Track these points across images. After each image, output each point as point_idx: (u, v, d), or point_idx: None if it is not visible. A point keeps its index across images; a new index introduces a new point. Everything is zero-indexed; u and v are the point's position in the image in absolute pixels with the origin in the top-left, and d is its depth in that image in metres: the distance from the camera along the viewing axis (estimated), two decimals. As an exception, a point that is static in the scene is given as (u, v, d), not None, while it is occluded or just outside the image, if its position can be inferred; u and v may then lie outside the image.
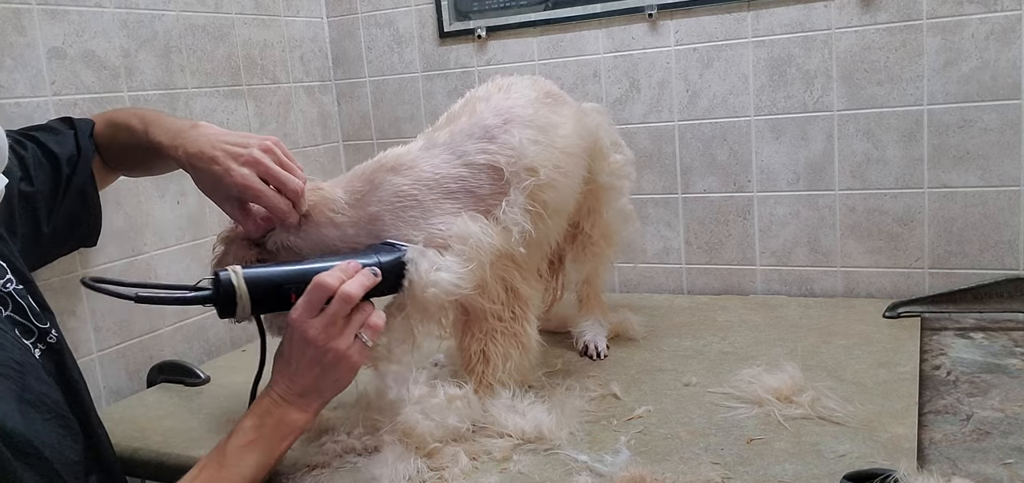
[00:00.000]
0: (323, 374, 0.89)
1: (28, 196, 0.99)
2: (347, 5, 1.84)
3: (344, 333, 0.89)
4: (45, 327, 0.91)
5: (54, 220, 1.03)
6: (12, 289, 0.88)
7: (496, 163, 1.05)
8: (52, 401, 0.84)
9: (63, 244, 1.09)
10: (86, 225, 1.09)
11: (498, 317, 1.05)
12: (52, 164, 1.03)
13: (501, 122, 1.08)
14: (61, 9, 1.29)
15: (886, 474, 0.77)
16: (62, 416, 0.86)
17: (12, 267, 0.91)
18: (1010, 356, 1.15)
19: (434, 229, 1.01)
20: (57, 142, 1.04)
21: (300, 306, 0.89)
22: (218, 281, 0.88)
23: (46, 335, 0.91)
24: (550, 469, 0.92)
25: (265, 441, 0.88)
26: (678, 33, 1.55)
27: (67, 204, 1.04)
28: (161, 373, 1.40)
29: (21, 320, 0.89)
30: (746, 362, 1.14)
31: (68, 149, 1.04)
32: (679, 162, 1.59)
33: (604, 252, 1.29)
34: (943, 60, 1.36)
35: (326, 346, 0.88)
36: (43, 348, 0.90)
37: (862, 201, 1.47)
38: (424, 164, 1.06)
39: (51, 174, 1.02)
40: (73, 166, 1.04)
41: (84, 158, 1.06)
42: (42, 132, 1.05)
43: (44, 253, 1.05)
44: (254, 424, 0.88)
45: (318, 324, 0.88)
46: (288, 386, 0.89)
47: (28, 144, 1.02)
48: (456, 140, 1.08)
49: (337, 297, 0.89)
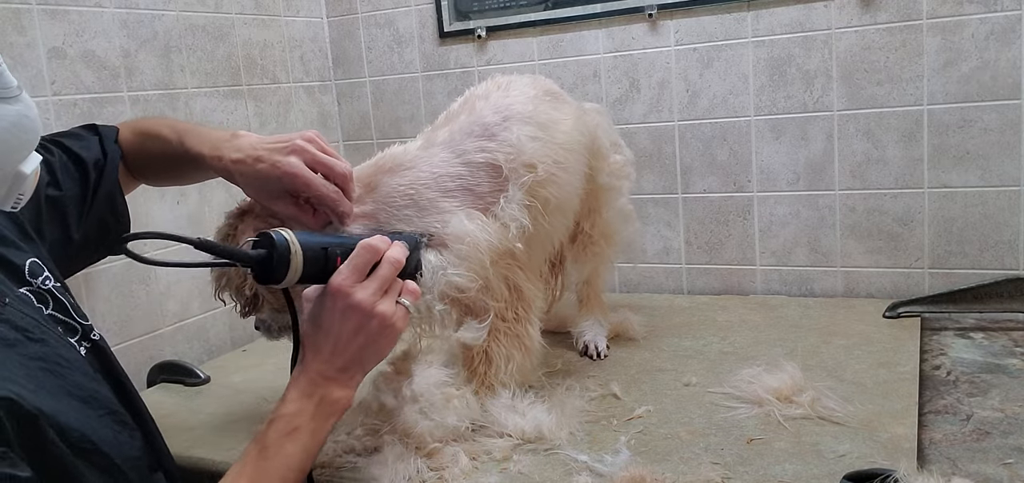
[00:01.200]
0: (367, 343, 0.84)
1: (56, 201, 0.96)
2: (347, 5, 1.84)
3: (388, 297, 0.85)
4: (87, 324, 0.88)
5: (84, 226, 1.00)
6: (52, 286, 0.86)
7: (495, 161, 1.05)
8: (103, 397, 0.81)
9: (94, 251, 1.06)
10: (115, 232, 1.06)
11: (501, 317, 1.05)
12: (79, 169, 1.00)
13: (500, 119, 1.08)
14: (61, 9, 1.29)
15: (886, 474, 0.77)
16: (115, 412, 0.82)
17: (48, 265, 0.88)
18: (1010, 356, 1.15)
19: (431, 228, 1.01)
20: (83, 147, 1.02)
21: (346, 271, 0.83)
22: (272, 242, 0.80)
23: (90, 332, 0.88)
24: (550, 469, 0.92)
25: (309, 425, 0.81)
26: (678, 33, 1.55)
27: (96, 210, 1.02)
28: (161, 373, 1.40)
29: (64, 318, 0.86)
30: (746, 362, 1.14)
31: (94, 154, 1.02)
32: (679, 162, 1.59)
33: (604, 252, 1.29)
34: (943, 60, 1.36)
35: (373, 311, 0.83)
36: (88, 345, 0.87)
37: (862, 201, 1.47)
38: (422, 164, 1.06)
39: (79, 179, 1.00)
40: (100, 171, 1.02)
41: (111, 163, 1.03)
42: (67, 138, 1.03)
43: (73, 260, 1.02)
44: (295, 409, 0.81)
45: (368, 288, 0.83)
46: (328, 361, 0.83)
47: (54, 149, 1.00)
48: (455, 139, 1.08)
49: (385, 260, 0.85)
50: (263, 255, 0.80)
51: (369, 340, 0.84)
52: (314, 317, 0.85)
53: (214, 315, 1.57)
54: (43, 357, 0.75)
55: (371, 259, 0.84)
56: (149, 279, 1.45)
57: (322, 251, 0.83)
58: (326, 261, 0.84)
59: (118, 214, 1.05)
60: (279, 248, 0.80)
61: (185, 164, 1.05)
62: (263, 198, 1.02)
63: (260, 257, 0.80)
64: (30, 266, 0.84)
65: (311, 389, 0.83)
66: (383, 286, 0.84)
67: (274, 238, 0.80)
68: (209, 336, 1.57)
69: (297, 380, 0.84)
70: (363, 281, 0.84)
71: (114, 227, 1.05)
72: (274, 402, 1.24)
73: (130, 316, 1.41)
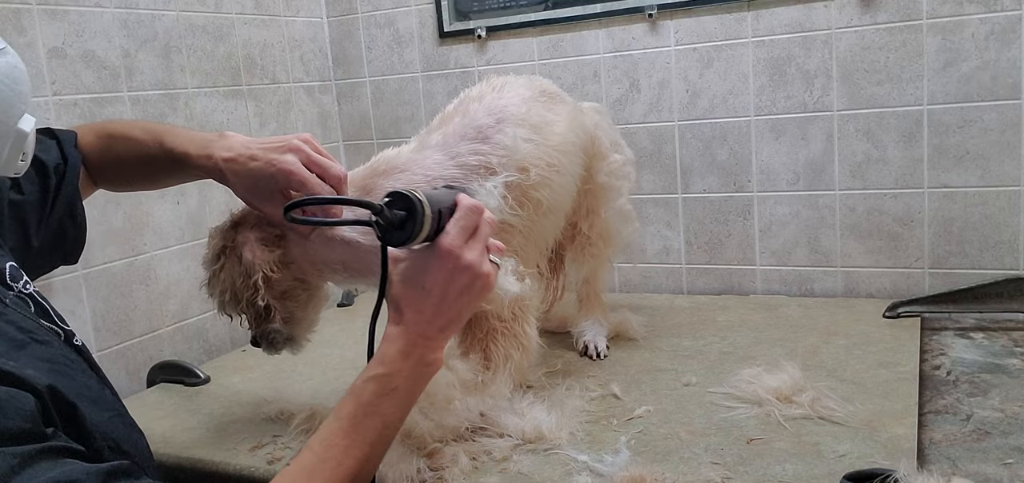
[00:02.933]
0: (470, 301, 0.84)
1: (18, 205, 0.93)
2: (347, 5, 1.84)
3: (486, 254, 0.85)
4: (69, 329, 0.86)
5: (43, 232, 0.97)
6: (33, 290, 0.84)
7: (488, 164, 1.05)
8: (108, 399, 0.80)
9: (48, 259, 1.02)
10: (72, 240, 1.03)
11: (498, 316, 1.05)
12: (40, 173, 0.96)
13: (494, 121, 1.08)
14: (61, 9, 1.29)
15: (886, 474, 0.77)
16: (121, 413, 0.81)
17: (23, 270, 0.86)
18: (1010, 356, 1.15)
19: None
20: (42, 150, 0.98)
21: (455, 231, 0.81)
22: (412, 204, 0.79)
23: (72, 337, 0.85)
24: (550, 469, 0.92)
25: (405, 385, 0.80)
26: (678, 33, 1.55)
27: (56, 215, 0.98)
28: (161, 373, 1.40)
29: (47, 323, 0.83)
30: (746, 362, 1.14)
31: (54, 158, 0.98)
32: (679, 162, 1.59)
33: (603, 252, 1.29)
34: (943, 60, 1.36)
35: (479, 271, 0.82)
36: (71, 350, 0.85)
37: (862, 201, 1.47)
38: (416, 167, 1.06)
39: (40, 183, 0.96)
40: (61, 176, 0.98)
41: (71, 169, 0.99)
42: None
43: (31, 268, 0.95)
44: (393, 370, 0.80)
45: (475, 250, 0.82)
46: (431, 320, 0.82)
47: None
48: (449, 142, 1.08)
49: (485, 221, 0.84)
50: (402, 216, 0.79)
51: (472, 298, 0.84)
52: (412, 278, 0.83)
53: (214, 315, 1.56)
54: (51, 359, 0.74)
55: (476, 220, 0.84)
56: (149, 279, 1.45)
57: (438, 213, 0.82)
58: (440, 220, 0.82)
59: (77, 222, 1.01)
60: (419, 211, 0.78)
61: (163, 166, 1.03)
62: (254, 198, 1.01)
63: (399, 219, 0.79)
64: (10, 270, 0.82)
65: (409, 348, 0.81)
66: (484, 242, 0.84)
67: (413, 199, 0.78)
68: (209, 336, 1.57)
69: (394, 339, 0.81)
70: (469, 241, 0.83)
71: (72, 235, 1.01)
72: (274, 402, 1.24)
73: (130, 316, 1.41)
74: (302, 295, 1.08)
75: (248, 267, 1.01)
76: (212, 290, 1.06)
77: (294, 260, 1.05)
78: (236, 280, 1.03)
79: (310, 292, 1.09)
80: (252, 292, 1.02)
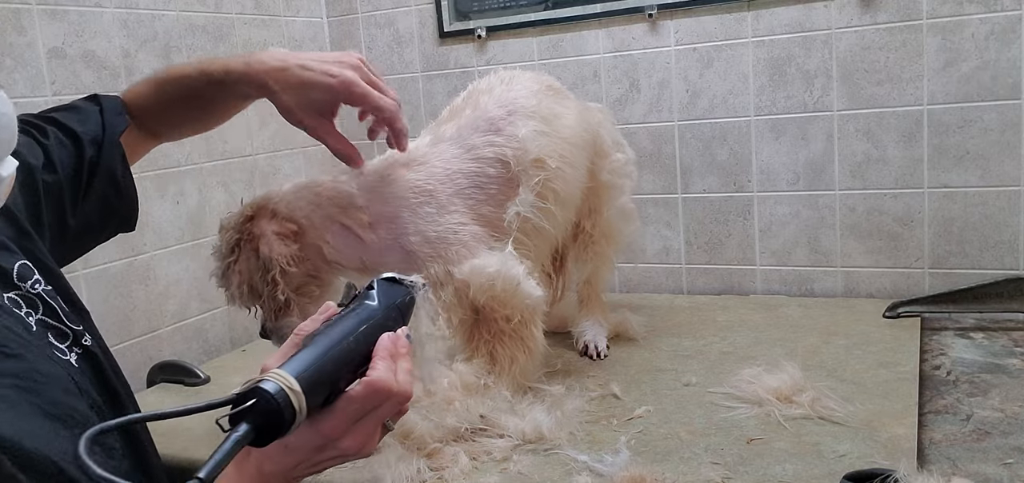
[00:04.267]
0: (328, 466, 0.75)
1: (51, 185, 0.90)
2: (347, 5, 1.84)
3: (376, 432, 0.74)
4: (79, 329, 0.84)
5: (83, 206, 0.93)
6: (42, 290, 0.82)
7: (503, 156, 1.07)
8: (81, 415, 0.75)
9: (100, 231, 0.98)
10: (121, 210, 0.99)
11: (506, 319, 1.05)
12: (74, 143, 0.93)
13: (505, 114, 1.09)
14: (61, 9, 1.29)
15: (886, 474, 0.77)
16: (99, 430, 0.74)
17: (41, 266, 0.83)
18: (1010, 356, 1.15)
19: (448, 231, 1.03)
20: (79, 120, 0.95)
21: (343, 418, 0.69)
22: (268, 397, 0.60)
23: (81, 338, 0.83)
24: (550, 469, 0.92)
25: None
26: (678, 33, 1.55)
27: (96, 188, 0.94)
28: (161, 373, 1.40)
29: (54, 323, 0.81)
30: (746, 362, 1.14)
31: (92, 129, 0.95)
32: (679, 162, 1.59)
33: (605, 252, 1.29)
34: (943, 60, 1.36)
35: (355, 453, 0.72)
36: (79, 352, 0.83)
37: (862, 201, 1.47)
38: (435, 159, 1.08)
39: (74, 155, 0.93)
40: (98, 146, 0.94)
41: (109, 138, 0.95)
42: (63, 112, 0.96)
43: (76, 243, 0.95)
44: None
45: (358, 436, 0.71)
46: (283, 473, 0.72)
47: (48, 129, 0.93)
48: (463, 134, 1.09)
49: (394, 401, 0.72)
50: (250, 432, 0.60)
51: (332, 464, 0.75)
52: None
53: (213, 315, 1.57)
54: (17, 374, 0.71)
55: (377, 404, 0.71)
56: (149, 279, 1.45)
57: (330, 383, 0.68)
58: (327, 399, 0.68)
59: (121, 191, 0.97)
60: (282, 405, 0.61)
61: (207, 93, 0.98)
62: (304, 113, 0.96)
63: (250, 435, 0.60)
64: (19, 269, 0.80)
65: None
66: (376, 428, 0.73)
67: (269, 391, 0.61)
68: (208, 336, 1.57)
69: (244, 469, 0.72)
70: (358, 423, 0.71)
71: (118, 205, 0.98)
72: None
73: (130, 316, 1.41)
74: (316, 291, 1.08)
75: (266, 261, 1.01)
76: (227, 283, 1.05)
77: (309, 257, 1.05)
78: (254, 274, 1.02)
79: (323, 288, 1.09)
80: (272, 287, 1.01)
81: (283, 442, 0.66)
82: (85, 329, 0.85)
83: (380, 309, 0.76)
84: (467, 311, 1.05)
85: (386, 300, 0.77)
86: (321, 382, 0.66)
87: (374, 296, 0.76)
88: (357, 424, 0.71)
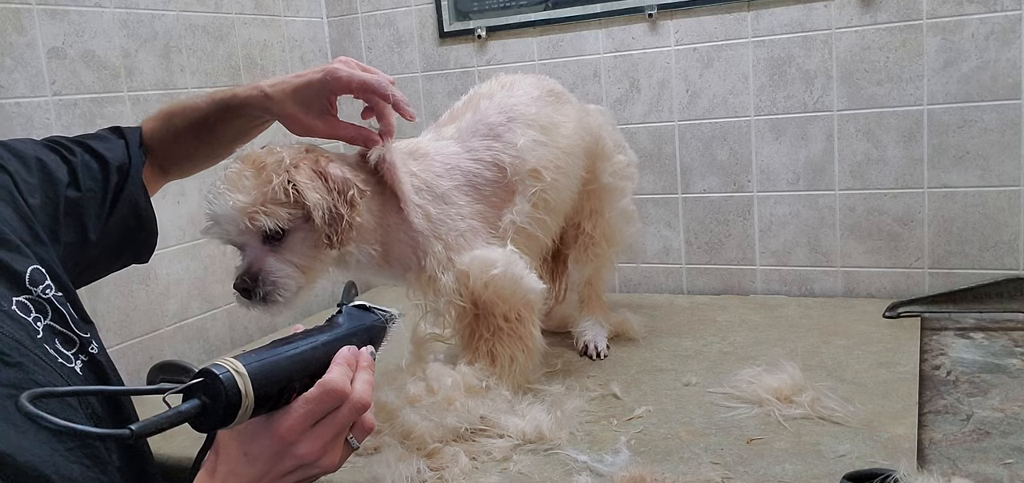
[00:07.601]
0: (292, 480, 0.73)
1: (75, 203, 0.92)
2: (347, 5, 1.84)
3: (337, 443, 0.73)
4: (86, 337, 0.85)
5: (104, 228, 0.95)
6: (52, 296, 0.83)
7: (500, 161, 1.08)
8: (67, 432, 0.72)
9: (115, 258, 1.01)
10: (140, 241, 1.01)
11: (505, 317, 1.05)
12: (101, 166, 0.96)
13: (505, 120, 1.11)
14: (61, 9, 1.29)
15: (886, 474, 0.77)
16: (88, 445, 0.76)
17: (52, 273, 0.84)
18: (1010, 356, 1.15)
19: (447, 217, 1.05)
20: (106, 147, 0.98)
21: (297, 418, 0.70)
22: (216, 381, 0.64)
23: (87, 345, 0.84)
24: (550, 469, 0.92)
25: None
26: (678, 33, 1.55)
27: (118, 214, 0.97)
28: (161, 373, 1.40)
29: (61, 329, 0.82)
30: (746, 362, 1.14)
31: (118, 157, 0.98)
32: (679, 162, 1.59)
33: (606, 252, 1.29)
34: (943, 60, 1.36)
35: (313, 463, 0.71)
36: (85, 359, 0.84)
37: (862, 201, 1.47)
38: (436, 153, 1.10)
39: (101, 179, 0.96)
40: (124, 174, 0.98)
41: (135, 168, 0.99)
42: (92, 139, 0.99)
43: (92, 264, 0.97)
44: None
45: (317, 441, 0.71)
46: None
47: (76, 149, 0.96)
48: (463, 135, 1.12)
49: (350, 406, 0.72)
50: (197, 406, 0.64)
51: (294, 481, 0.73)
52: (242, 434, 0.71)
53: (214, 315, 1.57)
54: (14, 384, 0.71)
55: (332, 407, 0.72)
56: (149, 279, 1.45)
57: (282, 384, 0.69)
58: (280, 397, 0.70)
59: (143, 222, 1.00)
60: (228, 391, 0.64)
61: (214, 118, 1.02)
62: (304, 114, 1.01)
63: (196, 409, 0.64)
64: (32, 273, 0.81)
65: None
66: (336, 433, 0.73)
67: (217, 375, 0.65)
68: (209, 336, 1.57)
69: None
70: (314, 427, 0.71)
71: (137, 233, 1.00)
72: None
73: (130, 316, 1.41)
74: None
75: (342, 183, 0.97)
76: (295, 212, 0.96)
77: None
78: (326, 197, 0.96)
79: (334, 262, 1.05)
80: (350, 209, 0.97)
81: (242, 449, 0.70)
82: (92, 337, 0.86)
83: (345, 329, 0.79)
84: (467, 302, 1.06)
85: (353, 323, 0.81)
86: (274, 379, 0.68)
87: (341, 320, 0.80)
88: (314, 428, 0.71)
